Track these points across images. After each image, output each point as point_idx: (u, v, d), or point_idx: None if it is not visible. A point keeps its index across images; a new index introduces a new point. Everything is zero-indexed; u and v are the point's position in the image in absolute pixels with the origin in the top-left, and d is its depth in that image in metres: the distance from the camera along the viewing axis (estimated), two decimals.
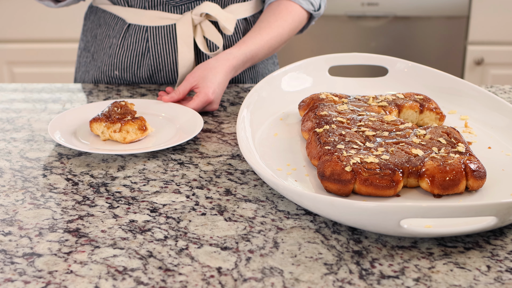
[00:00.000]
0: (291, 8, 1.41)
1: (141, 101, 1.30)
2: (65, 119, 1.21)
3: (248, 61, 1.36)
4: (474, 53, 2.60)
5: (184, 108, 1.25)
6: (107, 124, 1.15)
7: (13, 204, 0.96)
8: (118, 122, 1.15)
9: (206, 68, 1.30)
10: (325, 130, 1.05)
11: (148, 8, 1.40)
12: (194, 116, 1.22)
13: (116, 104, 1.19)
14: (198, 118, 1.20)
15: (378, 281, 0.79)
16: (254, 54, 1.36)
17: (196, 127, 1.17)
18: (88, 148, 1.11)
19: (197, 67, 1.32)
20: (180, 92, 1.29)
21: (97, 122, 1.16)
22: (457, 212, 0.81)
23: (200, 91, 1.28)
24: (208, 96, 1.27)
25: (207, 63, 1.31)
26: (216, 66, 1.30)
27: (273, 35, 1.39)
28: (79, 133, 1.18)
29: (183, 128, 1.19)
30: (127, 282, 0.79)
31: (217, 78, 1.29)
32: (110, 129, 1.15)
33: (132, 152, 1.09)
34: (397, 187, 0.94)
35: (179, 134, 1.17)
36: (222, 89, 1.30)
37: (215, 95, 1.28)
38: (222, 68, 1.30)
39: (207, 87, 1.27)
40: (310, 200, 0.88)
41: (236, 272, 0.81)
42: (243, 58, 1.34)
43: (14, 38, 2.65)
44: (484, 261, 0.83)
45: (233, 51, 1.34)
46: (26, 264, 0.82)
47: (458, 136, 1.04)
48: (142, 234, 0.89)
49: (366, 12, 2.59)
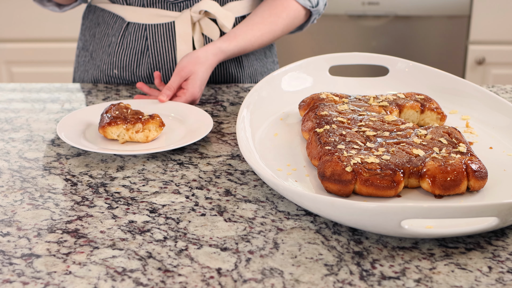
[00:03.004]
0: (286, 4, 1.40)
1: (133, 102, 1.29)
2: (71, 121, 1.20)
3: (234, 55, 1.38)
4: (476, 53, 2.60)
5: (190, 107, 1.25)
6: (127, 126, 1.13)
7: (12, 205, 0.96)
8: (139, 122, 1.14)
9: (196, 63, 1.30)
10: (326, 130, 1.05)
11: (146, 6, 1.40)
12: (204, 116, 1.21)
13: (117, 106, 1.17)
14: (208, 118, 1.20)
15: (378, 282, 0.78)
16: (242, 49, 1.38)
17: (205, 128, 1.17)
18: (112, 150, 1.09)
19: (185, 58, 1.31)
20: (173, 88, 1.29)
21: (113, 126, 1.13)
22: (458, 213, 0.81)
23: (188, 89, 1.28)
24: (195, 96, 1.29)
25: (196, 56, 1.31)
26: (204, 60, 1.31)
27: (264, 31, 1.39)
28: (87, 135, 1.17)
29: (191, 129, 1.19)
30: (126, 283, 0.78)
31: (205, 74, 1.31)
32: (130, 130, 1.13)
33: (155, 151, 1.09)
34: (398, 188, 0.93)
35: (188, 136, 1.16)
36: (205, 84, 1.33)
37: (200, 92, 1.31)
38: (209, 63, 1.32)
39: (195, 86, 1.29)
40: (311, 201, 0.87)
41: (236, 273, 0.80)
42: (230, 54, 1.36)
43: (12, 37, 2.65)
44: (486, 262, 0.82)
45: (222, 45, 1.34)
46: (24, 265, 0.82)
47: (459, 136, 1.03)
48: (141, 235, 0.88)
49: (367, 11, 2.58)
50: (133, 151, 1.09)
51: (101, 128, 1.14)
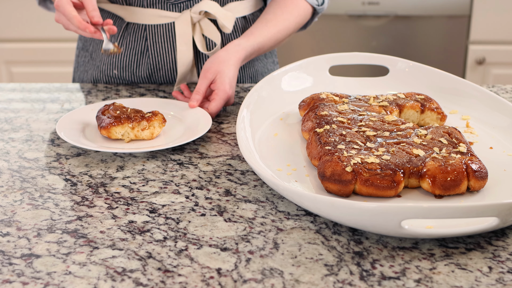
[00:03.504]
0: (296, 2, 1.41)
1: (128, 101, 1.29)
2: (69, 121, 1.20)
3: (254, 53, 1.36)
4: (476, 53, 2.60)
5: (186, 105, 1.25)
6: (133, 124, 1.14)
7: (11, 205, 0.96)
8: (144, 120, 1.14)
9: (220, 62, 1.28)
10: (326, 130, 1.05)
11: (146, 6, 1.40)
12: (202, 114, 1.21)
13: (114, 106, 1.17)
14: (207, 117, 1.20)
15: (379, 282, 0.78)
16: (261, 46, 1.36)
17: (204, 126, 1.17)
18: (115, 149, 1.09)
19: (209, 61, 1.29)
20: (202, 91, 1.26)
21: (117, 126, 1.13)
22: (459, 213, 0.81)
23: (218, 88, 1.25)
24: (227, 92, 1.25)
25: (219, 56, 1.29)
26: (227, 59, 1.28)
27: (279, 28, 1.38)
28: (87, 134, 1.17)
29: (190, 128, 1.19)
30: (126, 283, 0.78)
31: (232, 71, 1.27)
32: (135, 128, 1.14)
33: (159, 148, 1.10)
34: (398, 188, 0.93)
35: (187, 134, 1.16)
36: (235, 82, 1.29)
37: (232, 90, 1.27)
38: (233, 60, 1.29)
39: (225, 83, 1.25)
40: (311, 201, 0.87)
41: (235, 273, 0.80)
42: (250, 50, 1.33)
43: (12, 37, 2.64)
44: (486, 262, 0.82)
45: (241, 42, 1.33)
46: (24, 265, 0.82)
47: (460, 136, 1.03)
48: (141, 235, 0.88)
49: (367, 11, 2.58)
50: (135, 149, 1.09)
51: (104, 129, 1.13)
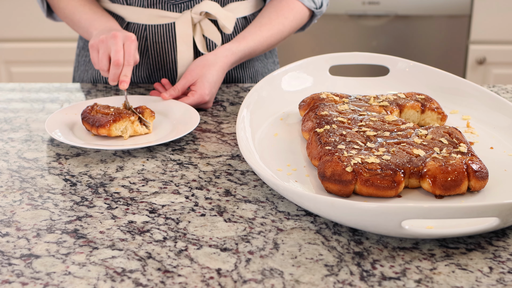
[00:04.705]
0: (292, 5, 1.41)
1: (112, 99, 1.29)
2: (60, 118, 1.20)
3: (245, 57, 1.37)
4: (476, 53, 2.59)
5: (177, 103, 1.26)
6: (134, 119, 1.15)
7: (11, 205, 0.96)
8: (140, 113, 1.17)
9: (204, 65, 1.30)
10: (326, 130, 1.04)
11: (147, 6, 1.40)
12: (189, 110, 1.23)
13: (100, 105, 1.18)
14: (193, 112, 1.21)
15: (379, 283, 0.78)
16: (252, 50, 1.37)
17: (192, 120, 1.18)
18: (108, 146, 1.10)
19: (195, 62, 1.31)
20: (179, 90, 1.29)
21: (117, 122, 1.13)
22: (459, 213, 0.80)
23: (196, 90, 1.28)
24: (203, 98, 1.28)
25: (206, 59, 1.31)
26: (214, 63, 1.30)
27: (273, 32, 1.38)
28: (76, 133, 1.17)
29: (180, 123, 1.19)
30: (125, 284, 0.78)
31: (214, 76, 1.29)
32: (134, 123, 1.15)
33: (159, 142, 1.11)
34: (398, 188, 0.93)
35: (176, 129, 1.17)
36: (217, 87, 1.31)
37: (210, 96, 1.29)
38: (220, 65, 1.31)
39: (204, 88, 1.28)
40: (311, 201, 0.87)
41: (235, 273, 0.80)
42: (241, 54, 1.35)
43: (11, 37, 2.64)
44: (486, 263, 0.82)
45: (232, 47, 1.33)
46: (23, 265, 0.81)
47: (460, 136, 1.03)
48: (141, 235, 0.88)
49: (367, 11, 2.58)
50: (135, 145, 1.10)
51: (102, 127, 1.13)
